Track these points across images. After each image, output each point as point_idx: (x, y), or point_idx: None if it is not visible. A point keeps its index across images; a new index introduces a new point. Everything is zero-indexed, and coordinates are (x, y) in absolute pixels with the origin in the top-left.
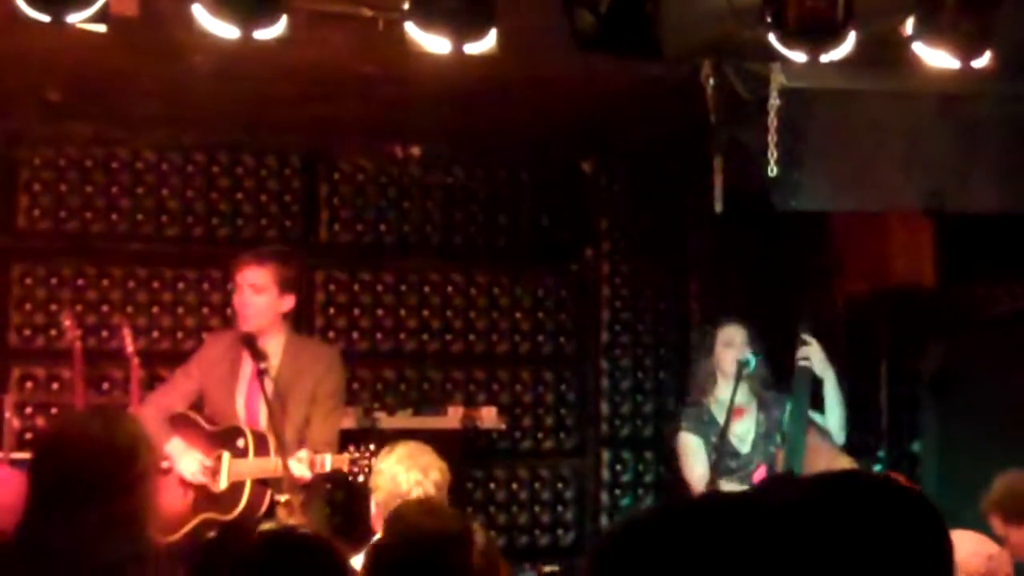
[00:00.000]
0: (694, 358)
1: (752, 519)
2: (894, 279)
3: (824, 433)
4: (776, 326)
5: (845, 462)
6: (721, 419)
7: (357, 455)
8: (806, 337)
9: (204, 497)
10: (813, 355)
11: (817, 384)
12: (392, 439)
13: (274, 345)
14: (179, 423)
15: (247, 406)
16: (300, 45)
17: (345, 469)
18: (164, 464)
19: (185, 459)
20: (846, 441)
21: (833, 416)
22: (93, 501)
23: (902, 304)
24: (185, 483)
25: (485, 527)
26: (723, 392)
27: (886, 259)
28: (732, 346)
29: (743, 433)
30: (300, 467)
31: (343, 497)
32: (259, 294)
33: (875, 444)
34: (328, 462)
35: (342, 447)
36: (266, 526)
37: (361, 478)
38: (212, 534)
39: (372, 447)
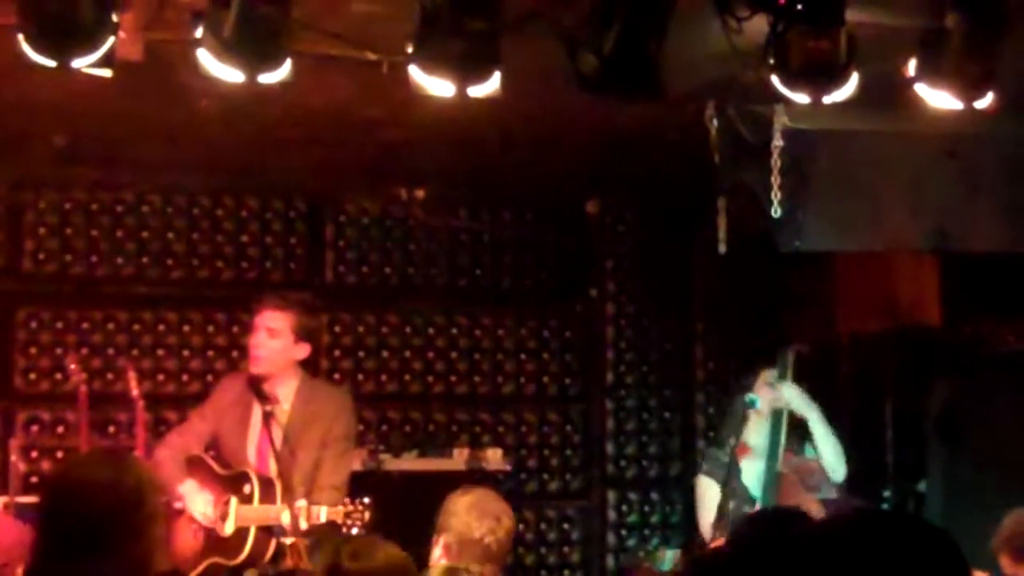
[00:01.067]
0: (727, 400)
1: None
2: (900, 318)
3: (807, 473)
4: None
5: (813, 507)
6: (742, 461)
7: (351, 508)
8: (777, 384)
9: (213, 541)
10: (788, 396)
11: (802, 423)
12: (397, 481)
13: (286, 390)
14: (193, 465)
15: (258, 450)
16: (305, 89)
17: (339, 521)
18: (178, 505)
19: (197, 500)
20: (848, 476)
21: (827, 451)
22: (102, 546)
23: (908, 343)
24: (196, 525)
25: None
26: (751, 435)
27: (892, 298)
28: (769, 386)
29: (759, 475)
30: (286, 515)
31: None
32: (273, 338)
33: (880, 483)
34: (324, 514)
35: (349, 489)
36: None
37: (355, 530)
38: None
39: (367, 500)
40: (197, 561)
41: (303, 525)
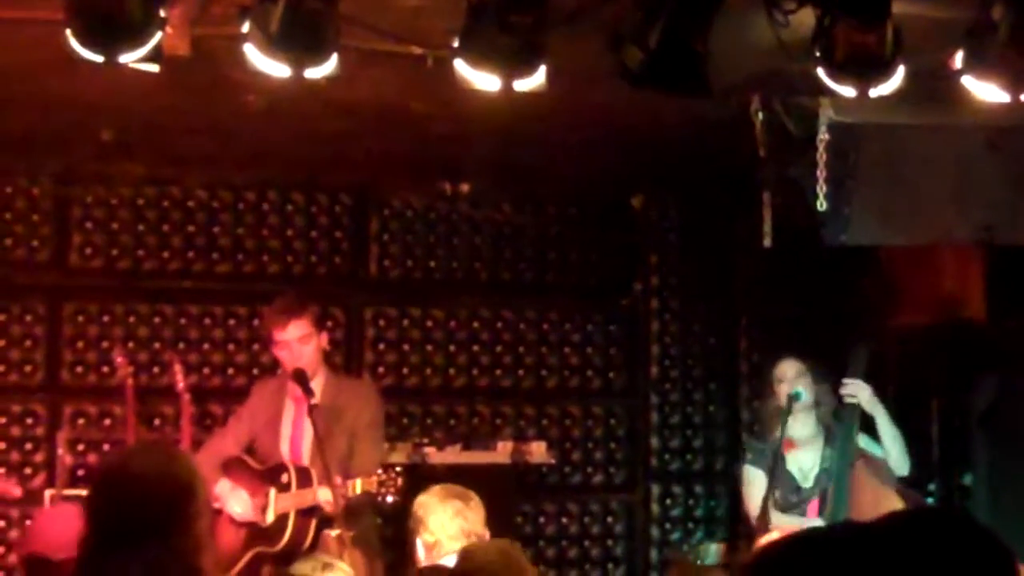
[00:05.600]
0: (760, 397)
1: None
2: (945, 313)
3: (877, 467)
4: (826, 360)
5: (892, 497)
6: (786, 454)
7: (384, 477)
8: (850, 381)
9: (254, 533)
10: (860, 393)
11: (868, 419)
12: (442, 474)
13: (316, 383)
14: (232, 466)
15: (292, 444)
16: (350, 83)
17: (374, 491)
18: (216, 505)
19: (232, 499)
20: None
21: (894, 448)
22: (152, 536)
23: (953, 337)
24: (235, 522)
25: (535, 562)
26: (791, 429)
27: (937, 293)
28: (784, 381)
29: (807, 467)
30: (324, 491)
31: (391, 533)
32: (307, 343)
33: (926, 477)
34: (358, 485)
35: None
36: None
37: (390, 499)
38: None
39: (399, 468)
40: (240, 554)
41: (331, 498)
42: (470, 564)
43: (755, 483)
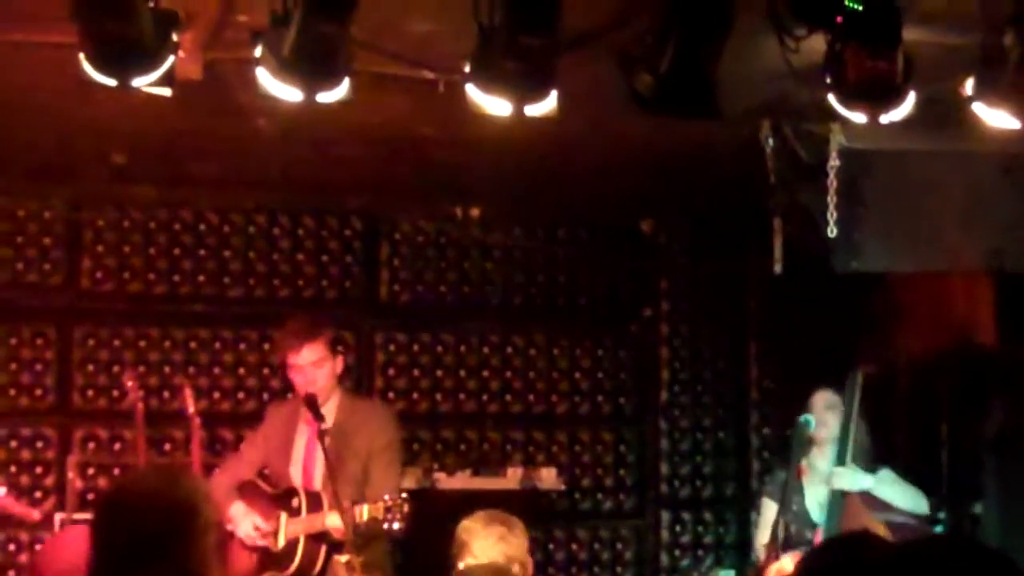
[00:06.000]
0: (792, 433)
1: None
2: (955, 338)
3: (873, 500)
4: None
5: (879, 528)
6: (807, 485)
7: (390, 503)
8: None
9: (267, 557)
10: (844, 480)
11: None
12: (451, 499)
13: (329, 406)
14: (245, 489)
15: (304, 469)
16: (362, 107)
17: (380, 517)
18: (230, 527)
19: (244, 523)
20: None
21: (905, 504)
22: (156, 559)
23: (963, 364)
24: (248, 546)
25: None
26: (814, 459)
27: (947, 319)
28: (811, 411)
29: (822, 499)
30: (333, 517)
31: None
32: (321, 367)
33: (936, 505)
34: (365, 512)
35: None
36: None
37: (396, 525)
38: None
39: (404, 495)
40: None
41: (336, 521)
42: None
43: (766, 514)
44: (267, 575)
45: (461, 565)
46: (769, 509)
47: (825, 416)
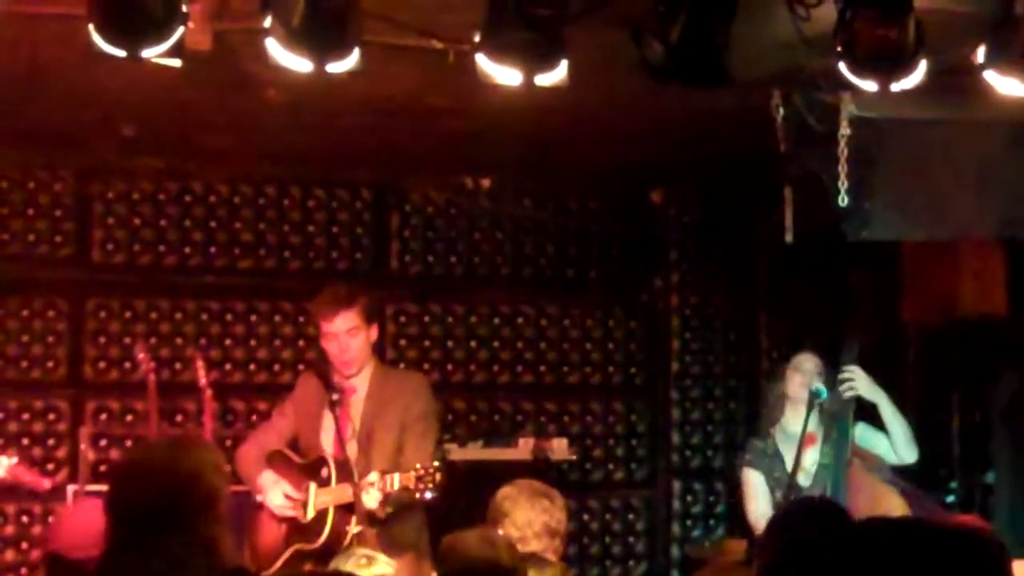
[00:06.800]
0: (767, 387)
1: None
2: (966, 308)
3: (872, 464)
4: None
5: (890, 496)
6: (785, 451)
7: (423, 472)
8: (847, 368)
9: (294, 528)
10: (858, 382)
11: (869, 408)
12: (462, 471)
13: (362, 376)
14: (274, 459)
15: (334, 439)
16: (371, 78)
17: (411, 487)
18: (259, 498)
19: (272, 492)
20: (917, 467)
21: (899, 435)
22: (167, 527)
23: (974, 333)
24: (276, 516)
25: (557, 559)
26: (790, 422)
27: (958, 288)
28: (800, 372)
29: (808, 465)
30: (369, 496)
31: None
32: (355, 336)
33: (947, 475)
34: (396, 480)
35: None
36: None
37: (429, 495)
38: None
39: (437, 463)
40: (281, 550)
41: (376, 497)
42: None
43: (755, 486)
44: (296, 547)
45: (499, 532)
46: (757, 479)
47: (816, 380)
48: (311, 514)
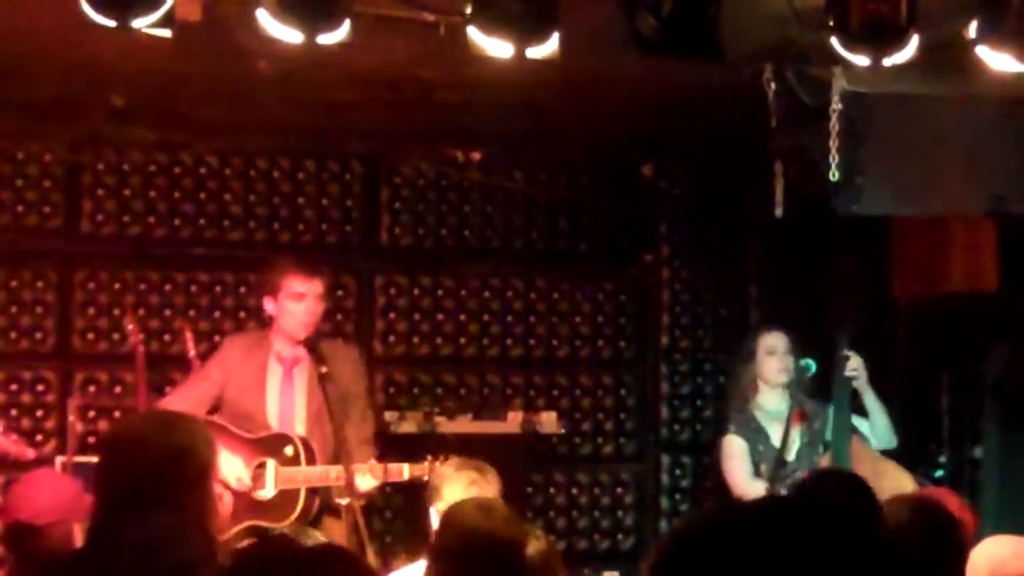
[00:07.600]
0: (737, 364)
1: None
2: (956, 283)
3: (864, 439)
4: (832, 333)
5: (889, 468)
6: (766, 426)
7: (436, 463)
8: (848, 353)
9: (247, 504)
10: (860, 371)
11: (856, 395)
12: (451, 444)
13: (300, 347)
14: (214, 428)
15: (281, 412)
16: (362, 50)
17: (427, 478)
18: None
19: (226, 465)
20: (902, 444)
21: (879, 424)
22: (157, 501)
23: (963, 308)
24: (222, 489)
25: (545, 532)
26: (765, 399)
27: (948, 263)
28: (774, 354)
29: (790, 442)
30: (365, 479)
31: (402, 502)
32: (322, 302)
33: (936, 450)
34: (406, 471)
35: (405, 452)
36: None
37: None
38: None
39: (450, 456)
40: (229, 525)
41: (372, 485)
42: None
43: (740, 452)
44: (249, 523)
45: (434, 509)
46: (741, 446)
47: (788, 359)
48: (270, 492)
